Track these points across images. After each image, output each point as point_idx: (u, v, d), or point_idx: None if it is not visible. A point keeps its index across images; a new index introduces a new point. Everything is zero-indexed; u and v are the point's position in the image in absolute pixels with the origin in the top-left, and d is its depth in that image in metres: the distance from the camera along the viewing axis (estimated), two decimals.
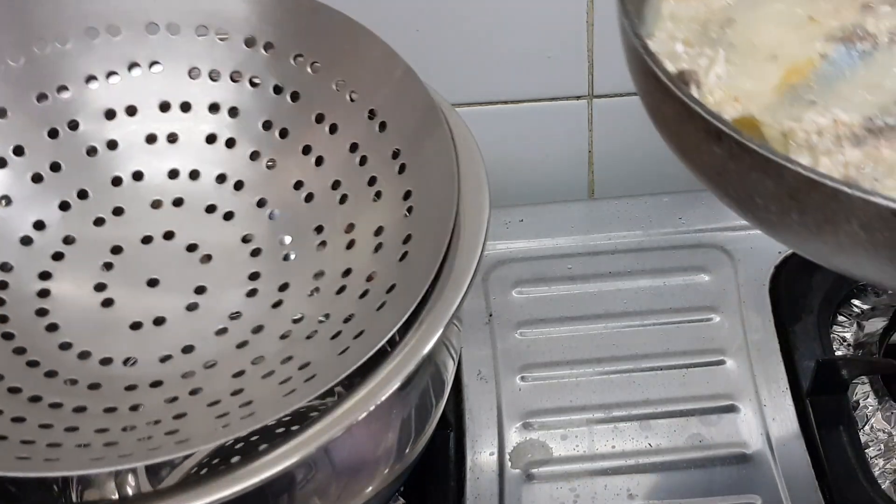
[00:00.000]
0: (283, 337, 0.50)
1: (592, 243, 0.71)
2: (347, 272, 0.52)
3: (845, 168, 0.39)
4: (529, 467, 0.60)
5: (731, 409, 0.62)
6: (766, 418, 0.61)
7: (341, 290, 0.51)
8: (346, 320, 0.49)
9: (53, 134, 0.55)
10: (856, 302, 0.66)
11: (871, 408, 0.61)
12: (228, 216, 0.55)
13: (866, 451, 0.59)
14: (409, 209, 0.51)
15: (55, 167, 0.55)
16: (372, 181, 0.53)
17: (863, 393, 0.61)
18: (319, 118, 0.55)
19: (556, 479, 0.59)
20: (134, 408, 0.47)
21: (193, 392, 0.48)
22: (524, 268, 0.70)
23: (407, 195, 0.51)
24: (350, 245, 0.53)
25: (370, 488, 0.49)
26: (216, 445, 0.41)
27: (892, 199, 0.33)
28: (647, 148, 0.76)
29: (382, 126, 0.53)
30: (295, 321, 0.51)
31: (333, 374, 0.43)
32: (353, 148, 0.54)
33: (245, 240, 0.54)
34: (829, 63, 0.44)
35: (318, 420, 0.42)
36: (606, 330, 0.66)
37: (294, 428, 0.42)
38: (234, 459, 0.41)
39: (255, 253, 0.54)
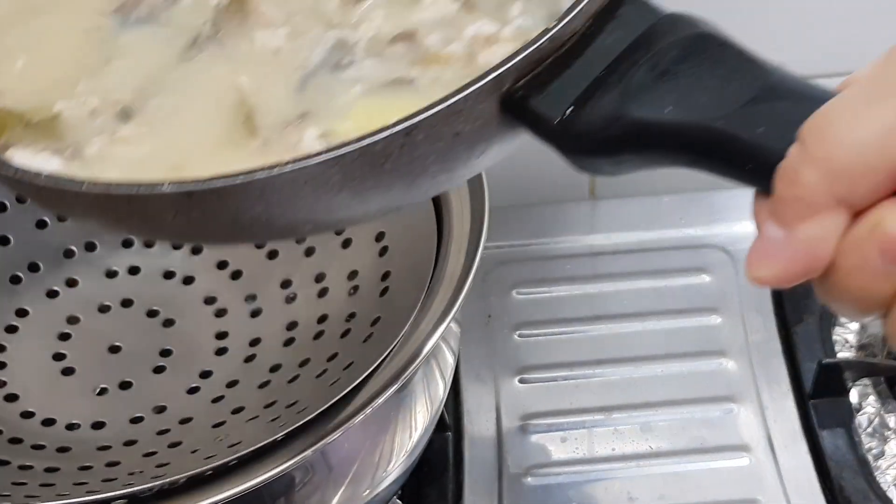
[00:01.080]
0: (262, 386, 0.50)
1: (592, 243, 0.71)
2: (323, 318, 0.52)
3: (112, 146, 0.35)
4: (528, 470, 0.59)
5: (732, 411, 0.61)
6: (768, 420, 0.61)
7: (319, 335, 0.51)
8: (330, 359, 0.49)
9: (1, 208, 0.55)
10: None
11: (873, 410, 0.61)
12: (188, 280, 0.55)
13: (868, 453, 0.59)
14: (384, 249, 0.51)
15: (3, 241, 0.55)
16: (339, 230, 0.53)
17: (865, 395, 0.61)
18: None
19: (556, 481, 0.59)
20: (111, 464, 0.47)
21: (172, 445, 0.48)
22: (524, 268, 0.70)
23: (380, 236, 0.52)
24: (322, 293, 0.53)
25: (368, 491, 0.49)
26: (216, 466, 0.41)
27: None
28: None
29: None
30: (272, 370, 0.51)
31: (323, 401, 0.43)
32: None
33: (208, 301, 0.55)
34: (104, 34, 0.38)
35: (315, 423, 0.42)
36: (606, 331, 0.66)
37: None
38: None
39: (221, 313, 0.54)
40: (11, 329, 0.53)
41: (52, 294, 0.54)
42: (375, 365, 0.42)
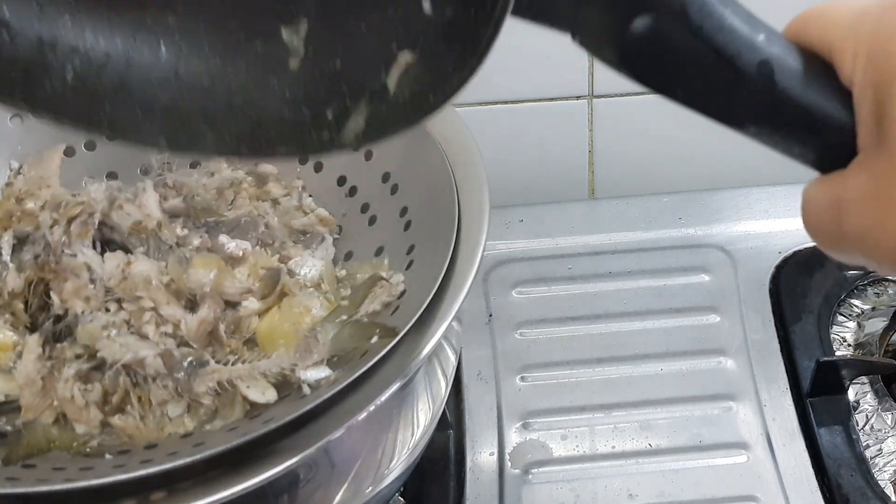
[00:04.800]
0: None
1: (592, 243, 0.71)
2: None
3: None
4: (529, 467, 0.60)
5: (731, 409, 0.62)
6: (766, 418, 0.61)
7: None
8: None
9: None
10: (856, 302, 0.67)
11: (870, 408, 0.61)
12: None
13: (866, 451, 0.59)
14: (408, 223, 0.51)
15: None
16: (365, 208, 0.54)
17: (862, 393, 0.61)
18: (303, 159, 0.56)
19: (556, 479, 0.59)
20: (148, 447, 0.46)
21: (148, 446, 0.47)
22: (524, 268, 0.70)
23: (403, 211, 0.52)
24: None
25: (370, 488, 0.49)
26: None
27: None
28: (647, 148, 0.76)
29: (368, 155, 0.54)
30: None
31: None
32: (342, 181, 0.55)
33: None
34: None
35: (318, 419, 0.42)
36: (606, 330, 0.66)
37: None
38: None
39: None
40: None
41: None
42: (378, 358, 0.42)
